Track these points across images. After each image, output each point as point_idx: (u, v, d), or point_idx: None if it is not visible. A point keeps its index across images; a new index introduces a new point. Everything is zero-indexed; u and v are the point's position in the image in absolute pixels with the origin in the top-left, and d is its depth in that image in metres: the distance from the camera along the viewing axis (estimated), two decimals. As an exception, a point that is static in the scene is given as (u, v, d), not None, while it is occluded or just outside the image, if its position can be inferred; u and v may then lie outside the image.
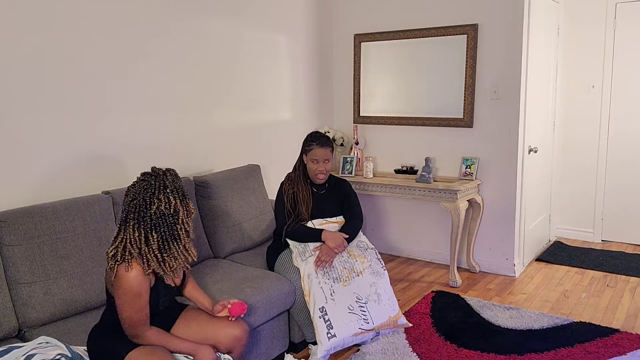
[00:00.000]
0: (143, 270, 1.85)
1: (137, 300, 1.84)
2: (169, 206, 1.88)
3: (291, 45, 4.15)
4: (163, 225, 1.87)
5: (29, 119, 2.47)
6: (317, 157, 2.92)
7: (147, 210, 1.86)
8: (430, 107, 4.19)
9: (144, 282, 1.85)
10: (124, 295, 1.83)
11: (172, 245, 1.89)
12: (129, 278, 1.82)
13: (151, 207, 1.86)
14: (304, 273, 2.75)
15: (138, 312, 1.85)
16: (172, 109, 3.20)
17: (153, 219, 1.86)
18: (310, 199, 2.97)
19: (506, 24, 3.77)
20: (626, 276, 3.93)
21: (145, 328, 1.89)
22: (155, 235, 1.86)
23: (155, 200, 1.86)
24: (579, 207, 4.88)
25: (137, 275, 1.83)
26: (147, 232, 1.86)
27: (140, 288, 1.84)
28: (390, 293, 2.90)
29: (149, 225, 1.86)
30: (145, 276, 1.86)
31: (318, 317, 2.66)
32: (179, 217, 1.91)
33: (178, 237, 1.91)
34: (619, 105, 4.58)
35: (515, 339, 2.94)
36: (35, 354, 1.75)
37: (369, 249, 2.97)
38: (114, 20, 2.81)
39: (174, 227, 1.89)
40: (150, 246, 1.85)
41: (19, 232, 2.19)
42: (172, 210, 1.88)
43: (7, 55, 2.37)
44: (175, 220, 1.90)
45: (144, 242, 1.85)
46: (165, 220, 1.87)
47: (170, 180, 1.92)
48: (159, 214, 1.86)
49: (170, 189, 1.89)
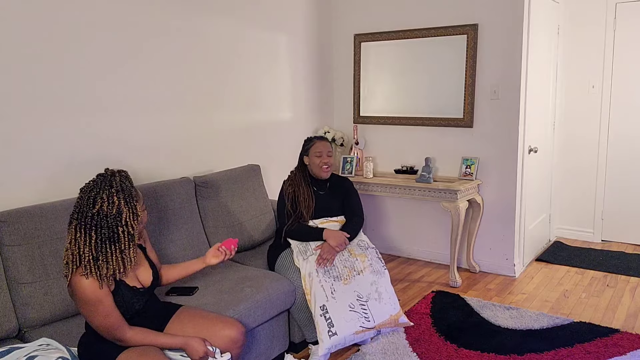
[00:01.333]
0: (94, 278, 1.77)
1: (98, 307, 1.78)
2: (111, 207, 1.80)
3: (291, 45, 4.15)
4: (104, 227, 1.79)
5: (28, 119, 2.47)
6: (321, 149, 2.98)
7: (89, 210, 1.78)
8: (430, 107, 4.19)
9: (97, 289, 1.77)
10: (84, 306, 1.78)
11: (108, 249, 1.79)
12: (81, 287, 1.75)
13: (94, 206, 1.79)
14: (305, 272, 2.76)
15: (105, 318, 1.79)
16: (172, 109, 3.20)
17: (94, 219, 1.78)
18: (312, 200, 2.98)
19: (506, 24, 3.77)
20: (626, 276, 3.93)
21: (123, 330, 1.84)
22: (93, 236, 1.77)
23: (98, 199, 1.79)
24: (579, 207, 4.88)
25: (89, 284, 1.75)
26: (87, 232, 1.78)
27: (96, 295, 1.77)
28: (391, 292, 2.90)
29: (89, 225, 1.78)
30: (97, 283, 1.77)
31: (319, 315, 2.66)
32: (122, 218, 1.82)
33: (117, 240, 1.81)
34: (619, 105, 4.58)
35: (515, 339, 2.94)
36: (36, 356, 1.75)
37: (370, 248, 2.97)
38: (114, 20, 2.81)
39: (115, 229, 1.80)
40: (86, 246, 1.77)
41: (19, 232, 2.19)
42: (114, 210, 1.80)
43: (7, 55, 2.37)
44: (117, 222, 1.81)
45: (82, 243, 1.77)
46: (106, 221, 1.79)
47: (118, 180, 1.85)
48: (101, 214, 1.79)
49: (116, 189, 1.82)
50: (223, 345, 2.08)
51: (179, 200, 2.90)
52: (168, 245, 2.77)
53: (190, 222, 2.94)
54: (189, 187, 3.01)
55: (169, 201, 2.84)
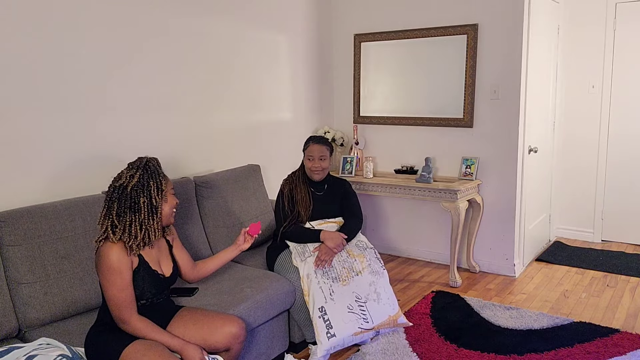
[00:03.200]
0: (122, 247, 1.88)
1: (117, 277, 1.86)
2: (134, 179, 1.93)
3: (291, 45, 4.15)
4: (126, 197, 1.92)
5: (28, 119, 2.47)
6: (312, 153, 2.97)
7: (114, 182, 1.95)
8: (430, 107, 4.19)
9: (122, 258, 1.87)
10: (104, 273, 1.86)
11: (128, 218, 1.91)
12: (107, 254, 1.86)
13: (119, 179, 1.94)
14: (303, 273, 2.75)
15: (120, 290, 1.87)
16: (172, 108, 3.20)
17: (117, 191, 1.93)
18: (309, 201, 2.97)
19: (506, 24, 3.77)
20: (626, 276, 3.93)
21: (131, 312, 1.90)
22: (115, 207, 1.91)
23: (124, 173, 1.95)
24: (579, 207, 4.88)
25: (115, 251, 1.87)
26: (111, 203, 1.92)
27: (120, 265, 1.87)
28: (389, 292, 2.90)
29: (114, 197, 1.92)
30: (123, 252, 1.88)
31: (317, 317, 2.66)
32: (144, 190, 1.94)
33: (138, 210, 1.93)
34: (619, 105, 4.58)
35: (515, 339, 2.94)
36: (36, 355, 1.75)
37: (368, 249, 2.97)
38: (114, 20, 2.81)
39: (137, 199, 1.92)
40: (108, 216, 1.91)
41: (19, 232, 2.19)
42: (135, 181, 1.93)
43: (7, 55, 2.37)
44: (139, 193, 1.93)
45: (105, 213, 1.92)
46: (129, 193, 1.92)
47: (145, 161, 2.00)
48: (124, 185, 1.93)
49: (142, 166, 1.97)
50: (224, 341, 2.10)
51: (179, 200, 2.89)
52: (168, 245, 2.77)
53: (190, 222, 2.94)
54: (189, 187, 3.01)
55: (169, 201, 2.84)
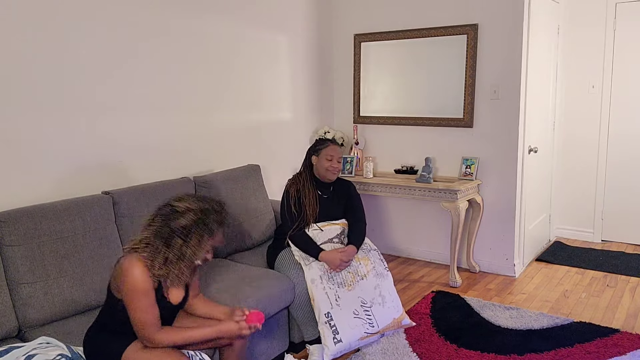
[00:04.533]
0: (146, 269, 1.83)
1: (143, 298, 1.82)
2: (188, 222, 1.87)
3: (291, 45, 4.15)
4: (169, 228, 1.87)
5: (28, 118, 2.47)
6: (333, 154, 2.97)
7: (173, 216, 1.88)
8: (430, 107, 4.19)
9: (147, 280, 1.83)
10: (129, 293, 1.81)
11: (158, 244, 1.87)
12: (131, 272, 1.81)
13: (177, 217, 1.88)
14: (308, 278, 2.76)
15: (146, 312, 1.82)
16: (172, 108, 3.20)
17: (168, 219, 1.88)
18: (316, 203, 2.97)
19: (506, 24, 3.77)
20: (626, 276, 3.93)
21: (154, 330, 1.85)
22: (157, 226, 1.88)
23: (185, 206, 1.89)
24: (579, 207, 4.88)
25: (141, 272, 1.82)
26: (156, 220, 1.88)
27: (146, 285, 1.82)
28: (394, 294, 2.91)
29: (162, 219, 1.88)
30: (148, 275, 1.84)
31: (324, 323, 2.66)
32: (186, 236, 1.88)
33: (169, 247, 1.87)
34: (619, 105, 4.58)
35: (515, 339, 2.94)
36: (35, 354, 1.75)
37: (372, 250, 2.97)
38: (115, 20, 2.81)
39: (172, 237, 1.87)
40: (152, 232, 1.87)
41: (19, 232, 2.19)
42: (187, 227, 1.87)
43: (6, 55, 2.37)
44: (180, 233, 1.87)
45: (152, 238, 1.87)
46: (175, 226, 1.87)
47: (211, 208, 1.93)
48: (177, 220, 1.87)
49: (203, 211, 1.90)
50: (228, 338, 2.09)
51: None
52: (168, 245, 2.77)
53: (190, 222, 2.93)
54: (189, 187, 3.01)
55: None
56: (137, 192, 2.71)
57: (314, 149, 3.01)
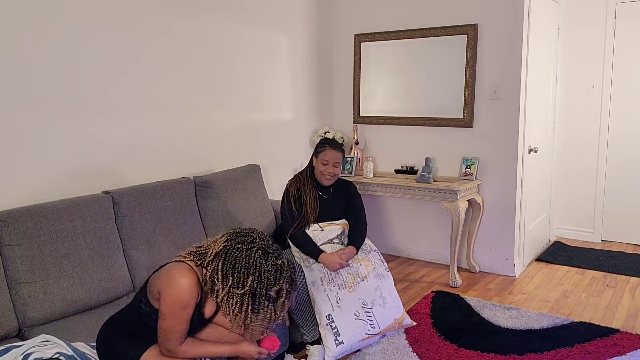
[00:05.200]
0: (197, 280, 1.74)
1: (183, 311, 1.74)
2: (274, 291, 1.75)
3: (291, 45, 4.15)
4: (244, 268, 1.74)
5: (29, 118, 2.47)
6: (328, 158, 2.93)
7: (264, 284, 1.73)
8: (430, 107, 4.19)
9: (194, 293, 1.74)
10: (170, 302, 1.72)
11: (227, 277, 1.73)
12: (179, 283, 1.71)
13: (269, 287, 1.74)
14: (309, 280, 2.76)
15: (179, 324, 1.75)
16: (172, 108, 3.20)
17: (248, 258, 1.74)
18: (316, 202, 2.96)
19: (506, 24, 3.77)
20: (626, 276, 3.93)
21: (179, 342, 1.79)
22: (231, 259, 1.74)
23: (277, 284, 1.75)
24: (579, 207, 4.88)
25: (189, 284, 1.72)
26: (232, 250, 1.75)
27: (191, 300, 1.74)
28: (394, 295, 2.91)
29: (241, 253, 1.74)
30: (196, 286, 1.74)
31: (325, 325, 2.67)
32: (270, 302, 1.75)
33: (238, 284, 1.72)
34: (619, 105, 4.58)
35: (515, 339, 2.94)
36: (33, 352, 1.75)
37: (372, 251, 2.97)
38: (115, 20, 2.81)
39: (247, 277, 1.72)
40: (221, 258, 1.75)
41: (19, 232, 2.19)
42: (267, 280, 1.74)
43: (7, 55, 2.37)
44: (267, 301, 1.74)
45: (220, 254, 1.75)
46: (253, 269, 1.73)
47: (289, 276, 1.80)
48: (257, 265, 1.74)
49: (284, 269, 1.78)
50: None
51: (179, 200, 2.90)
52: (168, 246, 2.77)
53: (190, 222, 2.93)
54: (189, 187, 3.01)
55: (169, 201, 2.84)
56: (137, 192, 2.71)
57: (315, 151, 3.01)
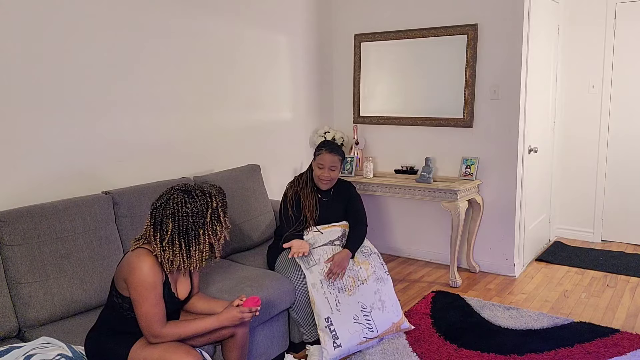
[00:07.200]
0: (155, 261, 1.84)
1: (152, 293, 1.82)
2: (203, 208, 1.90)
3: (291, 45, 4.15)
4: (186, 223, 1.88)
5: (29, 118, 2.47)
6: (324, 162, 2.91)
7: (180, 206, 1.88)
8: (430, 107, 4.19)
9: (157, 273, 1.84)
10: (137, 287, 1.81)
11: (178, 241, 1.87)
12: (140, 267, 1.81)
13: (184, 205, 1.88)
14: (309, 282, 2.75)
15: (154, 306, 1.83)
16: (172, 108, 3.20)
17: (184, 215, 1.88)
18: (315, 206, 2.95)
19: (506, 24, 3.77)
20: (626, 276, 3.93)
21: (162, 325, 1.87)
22: (169, 227, 1.86)
23: (200, 202, 1.90)
24: (579, 207, 4.88)
25: (149, 264, 1.83)
26: (166, 222, 1.87)
27: (155, 279, 1.83)
28: (393, 298, 2.90)
29: (176, 216, 1.87)
30: (157, 266, 1.85)
31: (324, 327, 2.66)
32: (206, 225, 1.91)
33: (193, 240, 1.90)
34: (619, 105, 4.58)
35: (515, 339, 2.94)
36: (34, 354, 1.75)
37: (373, 254, 2.96)
38: (114, 20, 2.81)
39: (197, 231, 1.90)
40: (162, 228, 1.87)
41: (19, 232, 2.19)
42: (212, 220, 1.92)
43: (7, 55, 2.37)
44: (200, 224, 1.90)
45: (159, 230, 1.87)
46: (194, 221, 1.89)
47: (215, 192, 1.96)
48: (189, 212, 1.88)
49: (213, 196, 1.94)
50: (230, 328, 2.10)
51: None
52: (168, 245, 2.77)
53: (190, 222, 2.93)
54: (189, 187, 3.01)
55: (169, 201, 2.84)
56: (137, 192, 2.71)
57: (314, 153, 3.00)
